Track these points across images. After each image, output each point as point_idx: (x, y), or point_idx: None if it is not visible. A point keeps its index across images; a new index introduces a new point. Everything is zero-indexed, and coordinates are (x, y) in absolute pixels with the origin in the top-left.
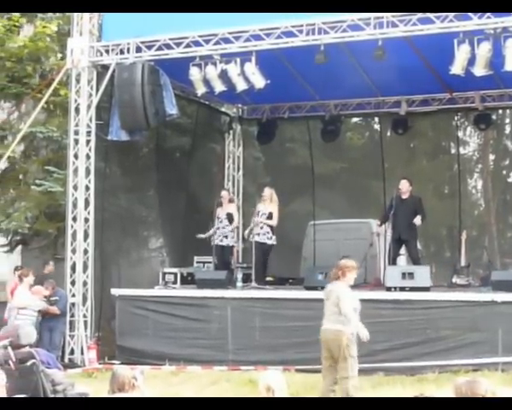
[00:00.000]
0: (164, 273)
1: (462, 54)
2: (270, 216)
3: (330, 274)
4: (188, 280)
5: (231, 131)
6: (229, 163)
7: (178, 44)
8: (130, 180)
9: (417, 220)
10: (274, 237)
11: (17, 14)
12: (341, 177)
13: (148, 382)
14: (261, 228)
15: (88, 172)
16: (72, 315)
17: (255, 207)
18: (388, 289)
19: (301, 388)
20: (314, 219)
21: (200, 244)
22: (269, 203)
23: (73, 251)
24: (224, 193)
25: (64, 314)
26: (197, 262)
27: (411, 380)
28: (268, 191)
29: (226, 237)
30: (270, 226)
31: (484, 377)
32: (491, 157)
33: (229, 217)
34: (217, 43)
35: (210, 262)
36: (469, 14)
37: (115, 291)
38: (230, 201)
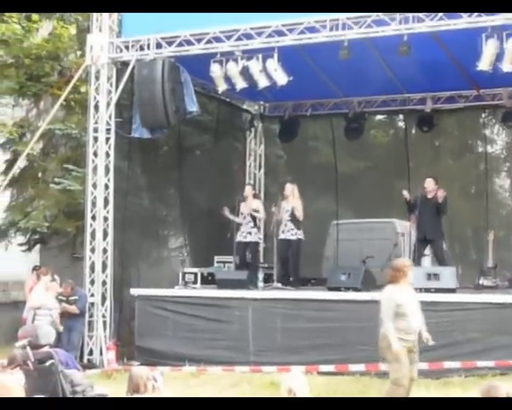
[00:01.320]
0: (184, 273)
1: (490, 49)
2: (293, 212)
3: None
4: (208, 280)
5: (253, 129)
6: (251, 161)
7: (199, 40)
8: (151, 179)
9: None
10: (300, 232)
11: (36, 16)
12: (365, 176)
13: (168, 383)
14: (285, 225)
15: (107, 170)
16: (91, 315)
17: (277, 204)
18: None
19: (323, 390)
20: (337, 219)
21: (221, 244)
22: (291, 199)
23: (92, 250)
24: (247, 188)
25: (83, 314)
26: (218, 262)
27: (436, 383)
28: (289, 187)
29: (250, 233)
30: (295, 222)
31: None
32: None
33: (254, 213)
34: (238, 39)
35: (231, 262)
36: None
37: (134, 291)
38: (255, 196)
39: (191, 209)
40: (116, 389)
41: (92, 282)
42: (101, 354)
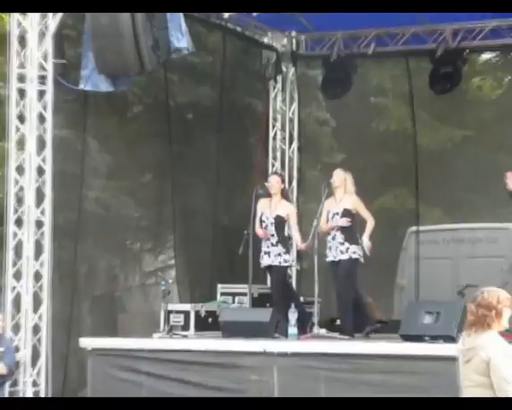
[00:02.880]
0: (168, 312)
1: None
2: (345, 215)
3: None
4: (207, 324)
5: (279, 78)
6: (276, 129)
7: None
8: (114, 159)
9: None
10: (356, 248)
11: None
12: (464, 153)
13: None
14: (332, 238)
15: (42, 144)
16: (15, 382)
17: (322, 204)
18: None
19: None
20: (418, 224)
21: (228, 265)
22: (342, 194)
23: (17, 276)
24: (273, 179)
25: (11, 375)
26: (222, 294)
27: None
28: (340, 175)
29: (276, 252)
30: (348, 232)
31: None
32: None
33: (280, 222)
34: None
35: (244, 294)
36: None
37: (87, 342)
38: (283, 195)
39: (181, 209)
40: None
41: (17, 327)
42: None
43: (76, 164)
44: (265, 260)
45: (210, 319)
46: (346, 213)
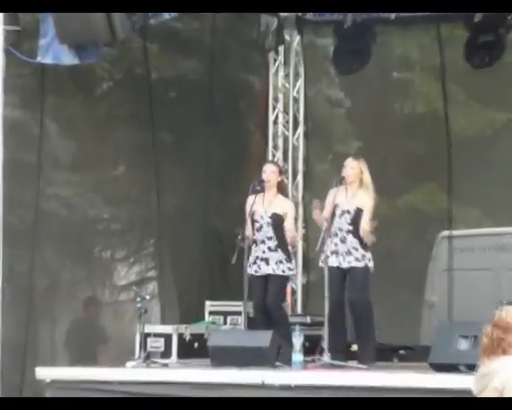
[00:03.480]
0: (145, 335)
1: None
2: (358, 215)
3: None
4: (193, 349)
5: (281, 48)
6: (278, 111)
7: None
8: (79, 147)
9: None
10: (368, 255)
11: None
12: (507, 140)
13: None
14: (341, 240)
15: None
16: None
17: (331, 198)
18: None
19: None
20: (450, 228)
21: (219, 278)
22: (356, 189)
23: None
24: (267, 170)
25: None
26: (211, 313)
27: None
28: (353, 166)
29: (274, 259)
30: (360, 235)
31: None
32: None
33: (279, 221)
34: None
35: (238, 313)
36: None
37: (44, 372)
38: (280, 189)
39: (162, 208)
40: None
41: None
42: None
43: (32, 152)
44: (264, 268)
45: (196, 344)
46: (360, 213)
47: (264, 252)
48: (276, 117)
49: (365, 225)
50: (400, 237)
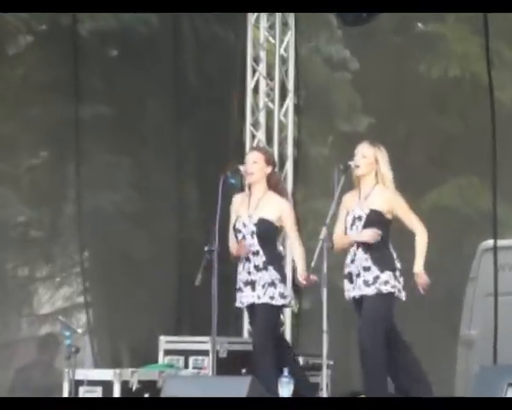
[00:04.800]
0: (76, 383)
1: None
2: (373, 222)
3: None
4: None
5: None
6: (259, 76)
7: None
8: None
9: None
10: (392, 277)
11: None
12: None
13: None
14: (352, 260)
15: None
16: None
17: (334, 201)
18: None
19: None
20: (495, 236)
21: (178, 302)
22: (370, 185)
23: None
24: (249, 161)
25: None
26: (168, 352)
27: None
28: (367, 155)
29: (259, 283)
30: (378, 249)
31: None
32: None
33: (267, 229)
34: None
35: (204, 352)
36: None
37: None
38: (272, 184)
39: (95, 209)
40: None
41: None
42: None
43: None
44: (246, 297)
45: (146, 395)
46: (375, 217)
47: (249, 273)
48: (257, 84)
49: (418, 226)
50: (426, 249)
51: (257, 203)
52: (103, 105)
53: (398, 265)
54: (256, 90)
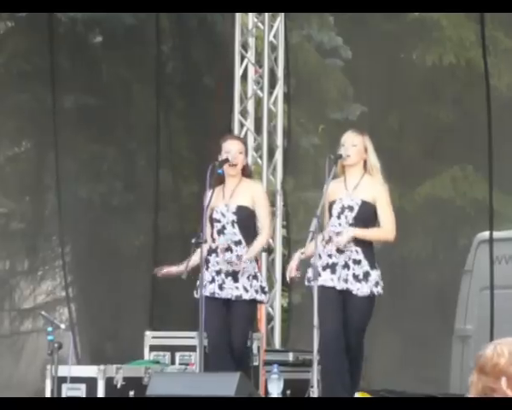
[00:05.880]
0: (59, 380)
1: None
2: (365, 212)
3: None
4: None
5: None
6: (247, 63)
7: None
8: None
9: None
10: (377, 274)
11: None
12: None
13: None
14: (340, 252)
15: None
16: None
17: (325, 192)
18: None
19: None
20: (491, 228)
21: (165, 297)
22: (360, 175)
23: None
24: (235, 150)
25: None
26: (153, 347)
27: None
28: (356, 143)
29: (244, 275)
30: (369, 243)
31: None
32: None
33: (247, 216)
34: None
35: (191, 347)
36: None
37: None
38: (245, 172)
39: (77, 199)
40: None
41: None
42: None
43: None
44: (228, 288)
45: (131, 393)
46: (368, 209)
47: (231, 264)
48: (245, 71)
49: (388, 224)
50: (420, 241)
51: (232, 192)
52: (88, 94)
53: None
54: (245, 77)
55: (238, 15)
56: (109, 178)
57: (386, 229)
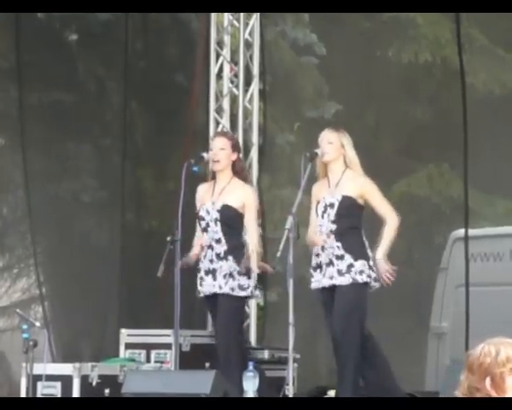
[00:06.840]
0: (34, 378)
1: None
2: (348, 207)
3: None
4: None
5: None
6: (222, 60)
7: None
8: None
9: None
10: (363, 264)
11: None
12: None
13: None
14: (323, 248)
15: None
16: None
17: (300, 190)
18: None
19: None
20: (467, 226)
21: (140, 295)
22: (340, 171)
23: None
24: (216, 147)
25: None
26: (129, 345)
27: None
28: (333, 141)
29: (220, 273)
30: (351, 237)
31: None
32: None
33: (231, 217)
34: None
35: (167, 345)
36: None
37: None
38: (236, 171)
39: (50, 194)
40: None
41: None
42: None
43: None
44: (207, 286)
45: (107, 391)
46: (349, 203)
47: (211, 261)
48: (221, 69)
49: (388, 211)
50: (396, 239)
51: (221, 190)
52: (61, 91)
53: (370, 254)
54: (220, 74)
55: (213, 13)
56: (83, 175)
57: (390, 220)
